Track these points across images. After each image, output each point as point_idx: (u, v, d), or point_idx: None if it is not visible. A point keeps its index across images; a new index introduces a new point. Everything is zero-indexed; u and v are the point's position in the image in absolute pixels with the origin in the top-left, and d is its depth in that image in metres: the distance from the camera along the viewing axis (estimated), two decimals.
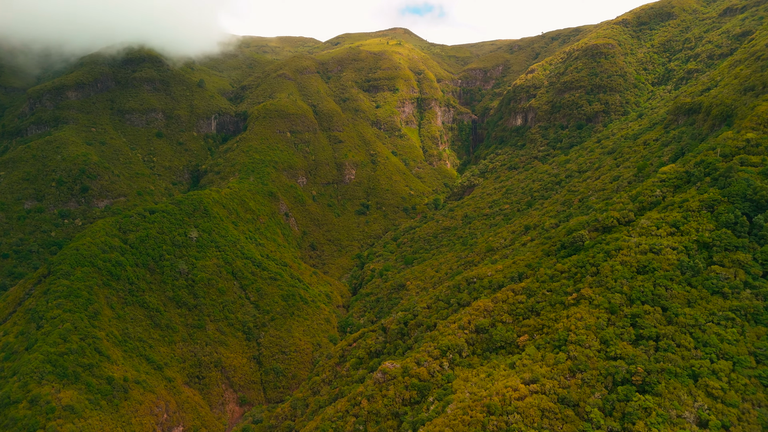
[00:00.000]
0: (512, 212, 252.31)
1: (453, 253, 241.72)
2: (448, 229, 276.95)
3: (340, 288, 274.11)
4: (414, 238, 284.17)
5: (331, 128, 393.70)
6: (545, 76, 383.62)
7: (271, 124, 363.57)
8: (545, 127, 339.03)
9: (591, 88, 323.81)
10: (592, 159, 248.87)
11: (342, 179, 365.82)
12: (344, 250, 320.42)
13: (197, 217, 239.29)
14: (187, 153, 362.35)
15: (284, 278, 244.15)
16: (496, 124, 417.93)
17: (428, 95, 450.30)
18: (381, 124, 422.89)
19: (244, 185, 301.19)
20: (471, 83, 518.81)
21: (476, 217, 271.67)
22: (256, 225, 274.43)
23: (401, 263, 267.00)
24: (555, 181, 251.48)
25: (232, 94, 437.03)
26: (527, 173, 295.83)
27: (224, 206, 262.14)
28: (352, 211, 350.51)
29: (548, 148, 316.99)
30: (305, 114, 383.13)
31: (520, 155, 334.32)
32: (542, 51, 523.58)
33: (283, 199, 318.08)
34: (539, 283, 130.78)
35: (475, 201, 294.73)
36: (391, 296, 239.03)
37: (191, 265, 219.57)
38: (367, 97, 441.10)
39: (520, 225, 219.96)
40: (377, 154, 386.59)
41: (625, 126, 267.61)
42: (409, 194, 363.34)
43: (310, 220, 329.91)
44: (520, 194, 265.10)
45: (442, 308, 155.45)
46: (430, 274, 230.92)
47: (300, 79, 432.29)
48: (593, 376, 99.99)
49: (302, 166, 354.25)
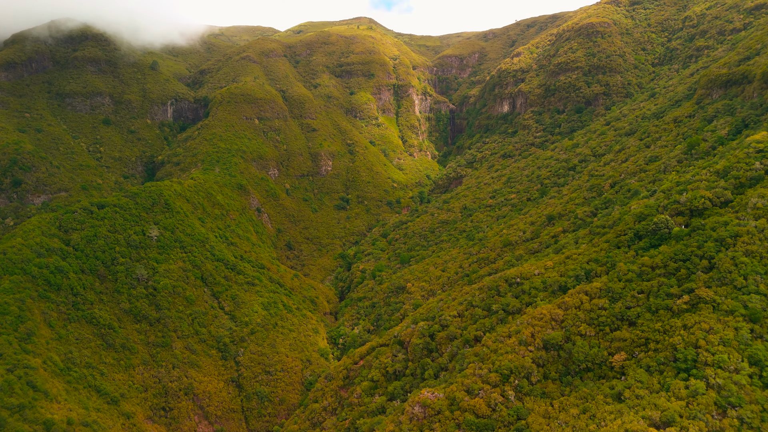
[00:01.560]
0: (521, 202, 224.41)
1: (458, 249, 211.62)
2: (446, 222, 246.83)
3: (325, 292, 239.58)
4: (407, 234, 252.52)
5: (302, 115, 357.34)
6: (533, 60, 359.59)
7: (236, 109, 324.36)
8: (539, 112, 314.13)
9: (588, 69, 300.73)
10: (607, 142, 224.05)
11: (318, 171, 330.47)
12: (325, 249, 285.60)
13: (157, 212, 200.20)
14: (140, 142, 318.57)
15: (263, 283, 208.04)
16: (479, 112, 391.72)
17: (405, 82, 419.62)
18: (356, 111, 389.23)
19: (210, 177, 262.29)
20: (446, 71, 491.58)
21: (477, 209, 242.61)
22: (225, 222, 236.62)
23: (396, 262, 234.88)
24: (567, 167, 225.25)
25: (190, 79, 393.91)
26: (527, 161, 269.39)
27: (188, 200, 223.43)
28: (331, 206, 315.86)
29: (545, 134, 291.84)
30: (274, 99, 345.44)
31: (513, 143, 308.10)
32: (519, 38, 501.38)
33: (254, 193, 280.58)
34: (623, 283, 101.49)
35: (472, 192, 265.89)
36: (388, 300, 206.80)
37: (152, 269, 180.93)
38: (340, 83, 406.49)
39: (539, 215, 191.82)
40: (355, 144, 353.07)
41: (637, 106, 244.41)
42: (392, 187, 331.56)
43: (285, 216, 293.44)
44: (526, 182, 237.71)
45: (480, 317, 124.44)
46: (435, 274, 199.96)
47: (266, 62, 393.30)
48: (755, 413, 71.00)
49: (273, 156, 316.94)
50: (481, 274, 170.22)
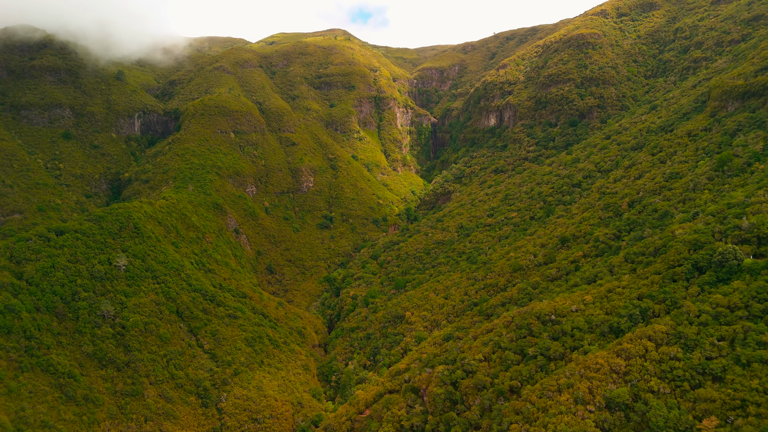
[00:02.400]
0: (523, 221, 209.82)
1: (460, 274, 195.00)
2: (442, 243, 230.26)
3: (313, 322, 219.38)
4: (401, 256, 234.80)
5: (281, 129, 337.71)
6: (519, 71, 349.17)
7: (210, 122, 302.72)
8: (530, 126, 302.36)
9: (581, 81, 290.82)
10: (611, 156, 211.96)
11: (299, 187, 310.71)
12: (308, 272, 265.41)
13: (125, 237, 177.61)
14: (104, 158, 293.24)
15: (246, 315, 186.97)
16: (464, 125, 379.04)
17: (386, 94, 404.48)
18: (337, 125, 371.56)
19: (183, 195, 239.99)
20: (427, 83, 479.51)
21: (475, 228, 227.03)
22: (202, 245, 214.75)
23: (390, 287, 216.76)
24: (570, 183, 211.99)
25: (159, 90, 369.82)
26: (522, 176, 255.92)
27: (160, 222, 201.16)
28: (314, 225, 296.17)
29: (539, 148, 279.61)
30: (250, 112, 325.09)
31: (504, 157, 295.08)
32: (499, 51, 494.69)
33: (232, 212, 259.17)
34: (696, 327, 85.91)
35: (467, 209, 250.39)
36: (386, 331, 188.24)
37: (119, 304, 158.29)
38: (319, 95, 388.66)
39: (549, 236, 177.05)
40: (337, 159, 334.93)
41: (638, 119, 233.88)
42: (377, 204, 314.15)
43: (265, 237, 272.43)
44: (526, 200, 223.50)
45: (512, 362, 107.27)
46: (438, 302, 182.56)
47: (241, 73, 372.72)
48: None
49: (251, 172, 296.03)
50: (493, 304, 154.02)
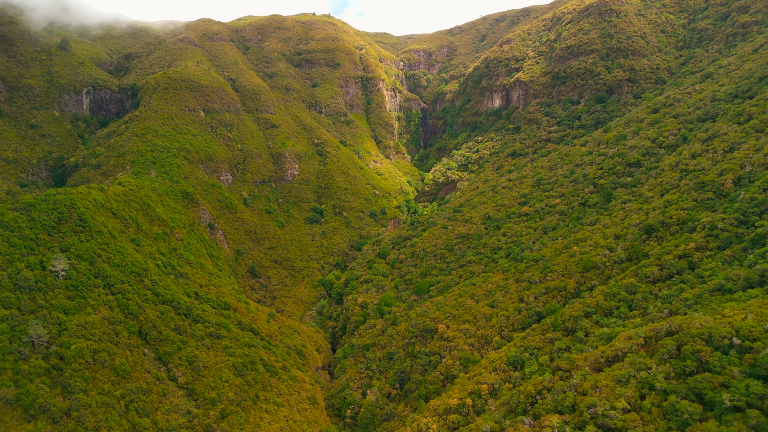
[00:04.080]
0: (571, 208, 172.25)
1: (503, 275, 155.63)
2: (466, 237, 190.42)
3: (312, 337, 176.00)
4: (416, 254, 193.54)
5: (258, 109, 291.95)
6: (527, 46, 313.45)
7: (176, 98, 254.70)
8: (547, 104, 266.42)
9: (606, 53, 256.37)
10: (670, 130, 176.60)
11: (282, 176, 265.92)
12: (299, 275, 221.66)
13: (66, 233, 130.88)
14: (44, 140, 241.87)
15: (232, 332, 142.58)
16: (462, 109, 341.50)
17: (374, 74, 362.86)
18: (321, 106, 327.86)
19: (145, 182, 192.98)
20: (413, 67, 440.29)
21: (507, 219, 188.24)
22: (170, 243, 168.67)
23: (409, 292, 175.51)
24: (625, 163, 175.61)
25: (112, 65, 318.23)
26: (550, 158, 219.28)
27: (115, 214, 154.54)
28: (301, 219, 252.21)
29: (563, 128, 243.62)
30: (223, 88, 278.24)
31: (520, 139, 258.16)
32: (489, 33, 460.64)
33: (204, 204, 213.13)
34: None
35: (489, 198, 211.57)
36: (412, 349, 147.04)
37: (56, 326, 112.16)
38: (300, 74, 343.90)
39: (622, 225, 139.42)
40: (324, 144, 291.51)
41: (691, 90, 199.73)
42: (373, 194, 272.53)
43: (245, 233, 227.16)
44: (567, 184, 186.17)
45: (687, 414, 67.87)
46: (480, 311, 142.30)
47: (209, 46, 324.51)
48: None
49: (225, 157, 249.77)
50: (573, 315, 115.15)
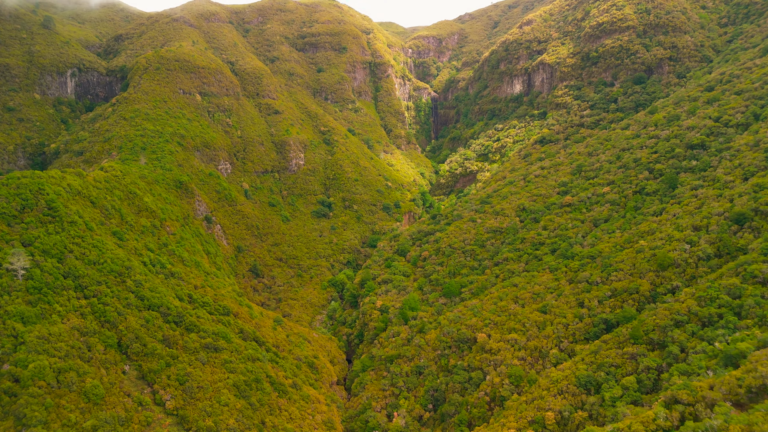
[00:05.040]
0: (625, 197, 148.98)
1: (551, 275, 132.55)
2: (499, 231, 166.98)
3: (325, 346, 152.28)
4: (441, 250, 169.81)
5: (260, 94, 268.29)
6: (550, 27, 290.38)
7: (169, 79, 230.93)
8: (577, 87, 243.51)
9: (643, 30, 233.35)
10: (735, 108, 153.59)
11: (286, 165, 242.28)
12: (306, 274, 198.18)
13: (31, 223, 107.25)
14: (22, 125, 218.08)
15: (233, 343, 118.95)
16: (478, 96, 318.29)
17: (383, 59, 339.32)
18: (327, 92, 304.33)
19: (132, 169, 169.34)
20: (423, 54, 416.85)
21: (546, 210, 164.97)
22: (160, 238, 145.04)
23: (437, 294, 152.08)
24: (684, 145, 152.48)
25: (101, 48, 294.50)
26: (588, 144, 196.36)
27: (95, 203, 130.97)
28: (308, 213, 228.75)
29: (597, 111, 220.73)
30: (221, 70, 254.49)
31: (548, 125, 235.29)
32: (502, 19, 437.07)
33: (201, 195, 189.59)
34: None
35: (521, 188, 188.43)
36: (446, 363, 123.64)
37: (12, 338, 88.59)
38: (304, 58, 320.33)
39: (701, 215, 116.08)
40: (331, 132, 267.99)
41: (751, 65, 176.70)
42: (386, 186, 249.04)
43: (246, 228, 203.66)
44: (615, 170, 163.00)
45: None
46: (530, 318, 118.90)
47: (206, 27, 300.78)
48: None
49: (224, 144, 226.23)
50: (660, 324, 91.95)
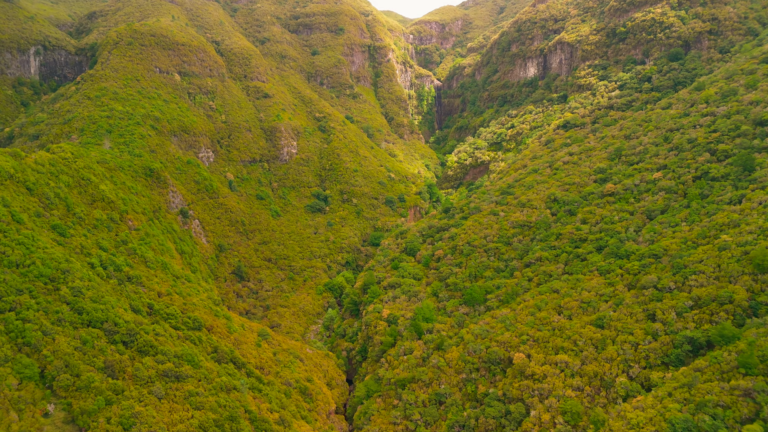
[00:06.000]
0: (683, 183, 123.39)
1: (599, 278, 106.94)
2: (527, 225, 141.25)
3: (320, 364, 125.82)
4: (458, 249, 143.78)
5: (248, 76, 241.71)
6: (568, 4, 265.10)
7: (144, 56, 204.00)
8: (602, 66, 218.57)
9: (678, 1, 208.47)
10: None
11: (277, 154, 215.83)
12: (300, 277, 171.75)
13: None
14: None
15: (202, 369, 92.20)
16: (486, 82, 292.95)
17: (383, 43, 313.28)
18: (322, 77, 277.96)
19: (91, 153, 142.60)
20: (425, 41, 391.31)
21: (581, 201, 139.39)
22: (118, 233, 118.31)
23: (455, 302, 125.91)
24: (753, 122, 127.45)
25: (73, 27, 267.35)
26: (624, 126, 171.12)
27: (31, 189, 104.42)
28: (301, 207, 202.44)
29: (629, 92, 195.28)
30: (203, 48, 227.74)
31: (571, 109, 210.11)
32: (508, 4, 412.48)
33: (176, 185, 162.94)
34: None
35: (548, 176, 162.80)
36: (474, 390, 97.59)
37: None
38: (297, 40, 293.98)
39: None
40: (327, 118, 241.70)
41: None
42: (388, 178, 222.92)
43: (230, 224, 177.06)
44: (665, 153, 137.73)
45: None
46: (585, 334, 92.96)
47: (190, 4, 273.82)
48: None
49: (206, 130, 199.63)
50: None
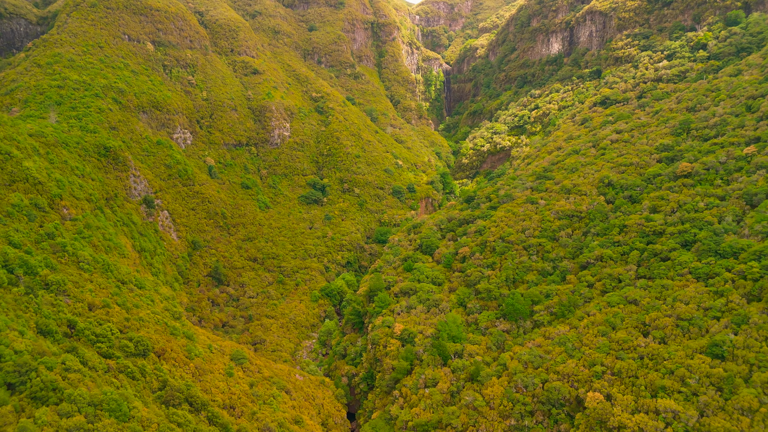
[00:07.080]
0: None
1: (696, 284, 77.84)
2: (578, 216, 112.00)
3: (311, 393, 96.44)
4: (489, 245, 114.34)
5: (234, 50, 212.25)
6: None
7: (109, 20, 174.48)
8: (643, 36, 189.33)
9: None
10: None
11: (267, 137, 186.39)
12: (291, 280, 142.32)
13: None
14: None
15: (133, 422, 62.65)
16: (503, 61, 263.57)
17: (388, 19, 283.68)
18: (320, 54, 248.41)
19: (24, 125, 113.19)
20: (432, 22, 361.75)
21: (643, 185, 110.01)
22: (44, 224, 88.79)
23: (490, 314, 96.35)
24: None
25: None
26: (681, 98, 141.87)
27: None
28: (294, 198, 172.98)
29: (680, 62, 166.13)
30: (183, 16, 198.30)
31: (610, 84, 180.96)
32: None
33: (140, 168, 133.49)
34: None
35: (594, 157, 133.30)
36: None
37: None
38: (292, 15, 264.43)
39: None
40: (325, 98, 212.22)
41: None
42: (395, 165, 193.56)
43: (207, 216, 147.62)
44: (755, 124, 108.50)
45: None
46: (695, 367, 63.86)
47: None
48: None
49: (183, 107, 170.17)
50: None
